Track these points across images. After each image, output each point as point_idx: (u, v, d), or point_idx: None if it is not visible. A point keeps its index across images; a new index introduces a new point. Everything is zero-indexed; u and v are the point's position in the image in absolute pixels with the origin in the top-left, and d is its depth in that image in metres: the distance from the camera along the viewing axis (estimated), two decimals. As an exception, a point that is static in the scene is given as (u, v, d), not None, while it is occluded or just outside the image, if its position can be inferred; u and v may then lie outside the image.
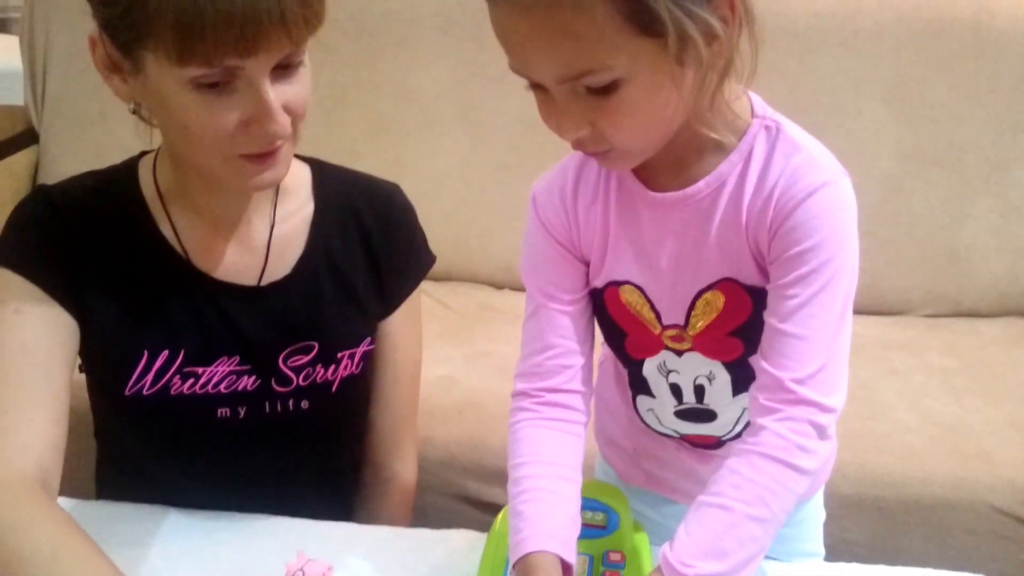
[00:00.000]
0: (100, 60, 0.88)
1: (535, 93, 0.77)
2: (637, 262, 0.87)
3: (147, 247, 0.98)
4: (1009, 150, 2.00)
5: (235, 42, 0.79)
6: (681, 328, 0.88)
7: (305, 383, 1.03)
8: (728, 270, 0.84)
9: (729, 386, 0.91)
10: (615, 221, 0.87)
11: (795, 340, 0.78)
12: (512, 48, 0.74)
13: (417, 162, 2.03)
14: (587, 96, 0.73)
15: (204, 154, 0.88)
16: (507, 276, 2.06)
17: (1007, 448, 1.54)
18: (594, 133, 0.76)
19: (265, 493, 1.04)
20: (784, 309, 0.79)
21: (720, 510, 0.77)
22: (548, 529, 0.83)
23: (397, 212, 1.09)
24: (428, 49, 1.99)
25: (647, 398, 0.96)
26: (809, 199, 0.78)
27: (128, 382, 0.97)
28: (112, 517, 1.01)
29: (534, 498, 0.85)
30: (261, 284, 1.02)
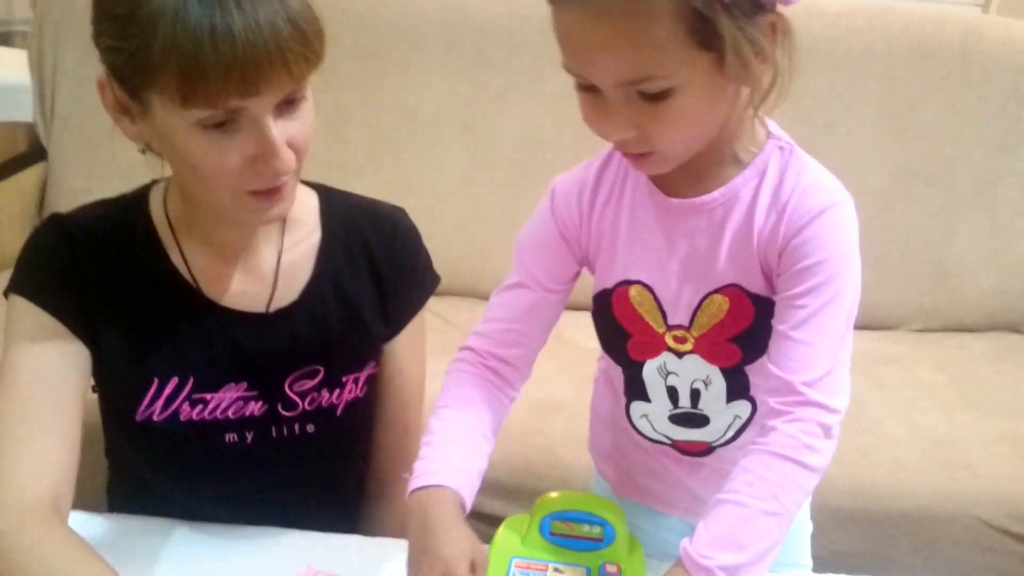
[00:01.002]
0: (109, 103, 0.89)
1: (582, 94, 0.80)
2: (648, 262, 0.91)
3: (158, 276, 1.00)
4: (997, 168, 2.04)
5: (237, 84, 0.80)
6: (685, 329, 0.92)
7: (311, 407, 1.05)
8: (735, 277, 0.88)
9: (724, 392, 0.94)
10: (629, 222, 0.91)
11: (804, 346, 0.83)
12: (575, 50, 0.77)
13: (419, 179, 2.06)
14: (639, 100, 0.76)
15: (213, 192, 0.90)
16: (507, 291, 2.09)
17: (993, 461, 1.57)
18: (639, 136, 0.79)
19: (272, 511, 1.06)
20: (795, 318, 0.83)
21: (736, 506, 0.80)
22: (455, 468, 0.89)
23: (402, 236, 1.11)
24: (430, 69, 2.02)
25: (642, 403, 0.99)
26: (820, 217, 0.83)
27: (139, 408, 0.99)
28: (123, 530, 1.03)
29: (449, 440, 0.92)
30: (269, 311, 1.03)
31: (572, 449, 1.55)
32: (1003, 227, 2.07)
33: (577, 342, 1.90)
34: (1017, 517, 1.50)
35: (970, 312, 2.07)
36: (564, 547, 0.95)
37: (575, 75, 0.79)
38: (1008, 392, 1.82)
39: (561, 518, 0.95)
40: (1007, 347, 2.03)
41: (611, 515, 0.96)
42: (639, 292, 0.92)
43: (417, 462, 0.91)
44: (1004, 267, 2.08)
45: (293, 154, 0.88)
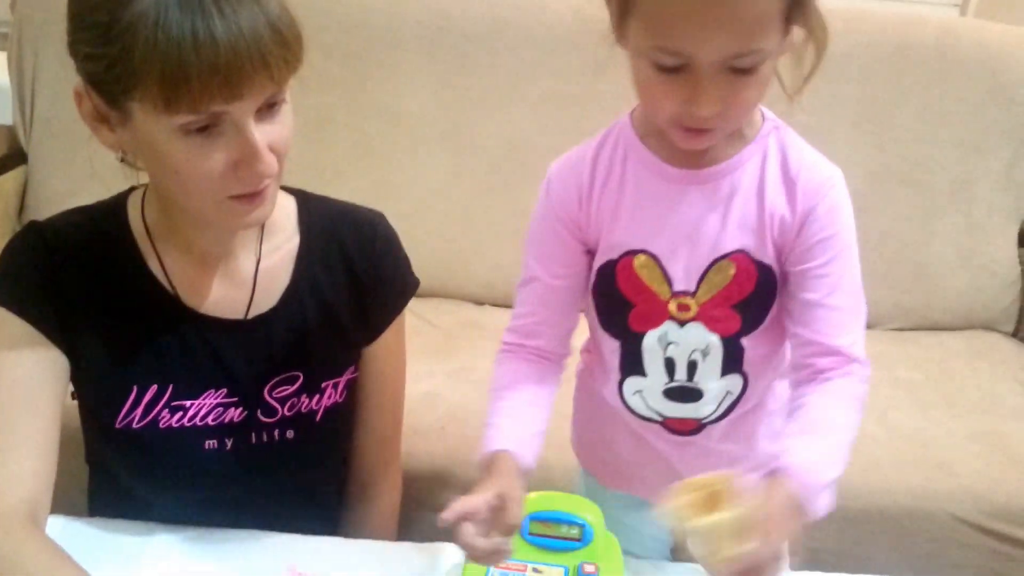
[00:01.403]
0: (87, 113, 0.89)
1: (664, 76, 0.82)
2: (653, 232, 0.94)
3: (136, 283, 1.00)
4: (973, 169, 2.07)
5: (220, 88, 0.81)
6: (690, 295, 0.95)
7: (290, 413, 1.05)
8: (743, 243, 0.93)
9: (719, 364, 0.98)
10: (631, 195, 0.94)
11: (839, 312, 0.92)
12: (685, 27, 0.79)
13: (402, 182, 2.06)
14: (727, 74, 0.80)
15: (195, 197, 0.90)
16: (489, 293, 2.10)
17: (968, 459, 1.59)
18: (721, 110, 0.83)
19: (253, 516, 1.06)
20: (824, 287, 0.91)
21: (820, 436, 0.87)
22: (515, 435, 0.95)
23: (381, 241, 1.11)
24: (413, 73, 2.02)
25: (637, 379, 1.00)
26: (831, 191, 0.92)
27: (118, 416, 0.99)
28: (104, 534, 1.03)
29: (508, 414, 0.98)
30: (247, 318, 1.03)
31: (554, 448, 1.53)
32: (979, 227, 2.09)
33: (559, 343, 1.92)
34: (991, 514, 1.52)
35: (947, 311, 2.09)
36: (543, 547, 0.97)
37: (669, 55, 0.80)
38: (983, 390, 1.84)
39: (540, 519, 0.97)
40: (983, 345, 2.05)
41: (589, 515, 0.98)
42: (645, 260, 0.95)
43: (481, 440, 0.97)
44: (980, 266, 2.10)
45: (274, 157, 0.88)
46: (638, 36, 0.82)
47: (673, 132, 0.87)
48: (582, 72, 2.01)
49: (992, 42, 2.05)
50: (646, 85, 0.85)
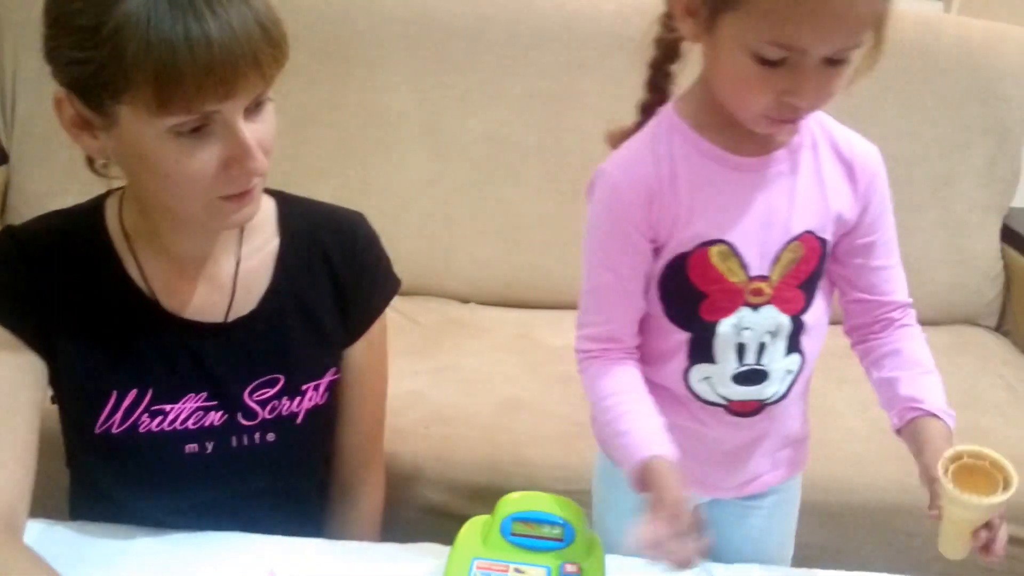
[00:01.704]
0: (68, 120, 0.88)
1: (758, 69, 0.84)
2: (726, 220, 0.96)
3: (114, 287, 0.99)
4: (955, 166, 2.08)
5: (215, 88, 0.81)
6: (764, 280, 0.98)
7: (271, 416, 1.04)
8: (809, 224, 0.97)
9: (784, 344, 1.01)
10: (699, 188, 0.95)
11: (898, 268, 1.05)
12: (805, 23, 0.81)
13: (384, 180, 2.06)
14: (823, 67, 0.84)
15: (184, 200, 0.89)
16: (473, 290, 2.10)
17: (950, 455, 1.61)
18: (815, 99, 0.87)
19: (235, 519, 1.06)
20: (888, 251, 1.03)
21: (932, 375, 1.03)
22: (655, 437, 0.96)
23: (362, 242, 1.10)
24: (394, 71, 2.02)
25: (706, 366, 1.02)
26: (882, 165, 1.01)
27: (98, 421, 0.99)
28: (85, 538, 1.03)
29: (631, 418, 0.98)
30: (227, 321, 1.03)
31: (538, 448, 1.56)
32: (960, 223, 2.11)
33: (543, 340, 1.93)
34: (972, 509, 1.53)
35: (929, 306, 2.06)
36: (525, 548, 0.97)
37: (780, 48, 0.82)
38: (965, 385, 1.85)
39: (522, 519, 0.97)
40: (965, 340, 2.06)
41: (571, 516, 0.98)
42: (720, 250, 0.96)
43: (617, 451, 0.99)
44: (962, 262, 2.11)
45: (264, 155, 0.88)
46: (740, 29, 0.84)
47: (758, 121, 0.90)
48: (564, 69, 2.02)
49: (974, 38, 2.06)
50: (740, 77, 0.86)
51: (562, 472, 1.52)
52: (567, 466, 1.53)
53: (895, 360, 1.04)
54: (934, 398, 1.00)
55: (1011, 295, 2.18)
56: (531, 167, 2.06)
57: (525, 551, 0.97)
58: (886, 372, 1.05)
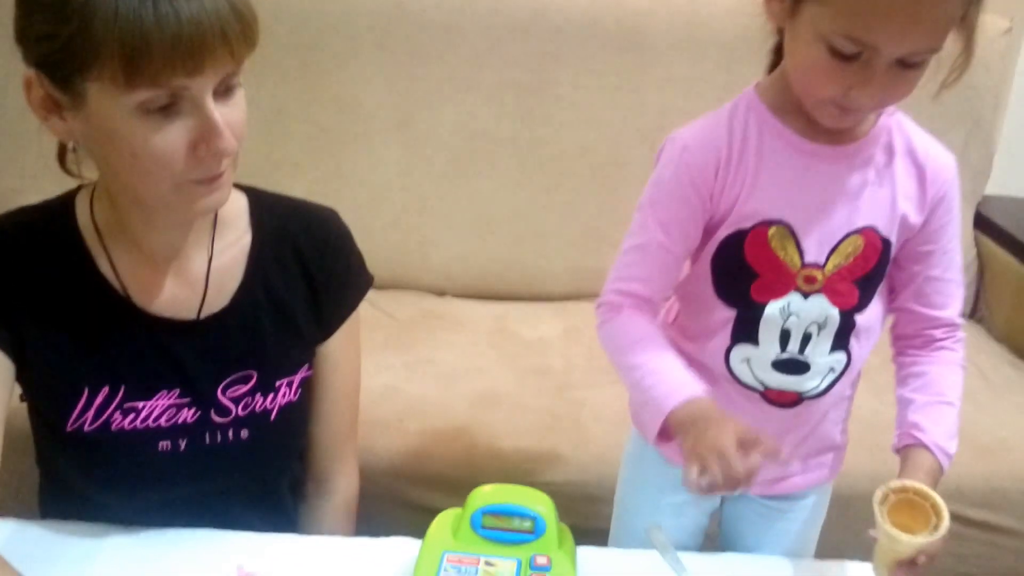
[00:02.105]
0: (36, 101, 0.87)
1: (837, 62, 0.85)
2: (789, 203, 0.97)
3: (85, 283, 0.98)
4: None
5: (183, 61, 0.81)
6: (819, 268, 0.98)
7: (244, 413, 1.04)
8: (872, 219, 0.98)
9: (831, 339, 1.02)
10: (768, 167, 0.97)
11: (954, 284, 1.04)
12: (883, 22, 0.82)
13: (357, 173, 2.05)
14: (895, 68, 0.85)
15: (153, 182, 0.88)
16: (449, 283, 2.10)
17: (923, 441, 1.62)
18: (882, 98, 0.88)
19: (208, 516, 1.05)
20: (946, 263, 1.03)
21: (949, 407, 1.02)
22: (689, 379, 0.96)
23: (334, 239, 1.10)
24: (366, 63, 2.01)
25: (748, 346, 1.03)
26: (955, 176, 1.01)
27: (69, 418, 0.98)
28: (54, 537, 1.02)
29: (669, 364, 0.98)
30: (200, 317, 1.02)
31: (512, 441, 1.56)
32: (934, 210, 2.12)
33: (519, 333, 1.93)
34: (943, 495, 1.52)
35: None
36: (496, 540, 0.97)
37: (854, 43, 0.83)
38: (938, 372, 1.87)
39: (492, 512, 0.97)
40: (939, 328, 2.08)
41: (542, 507, 0.98)
42: (779, 231, 0.97)
43: (647, 392, 0.97)
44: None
45: (234, 137, 0.88)
46: (821, 19, 0.85)
47: (823, 109, 0.91)
48: (538, 60, 2.01)
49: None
50: (812, 65, 0.88)
51: (537, 464, 1.53)
52: (542, 459, 1.54)
53: (918, 381, 1.05)
54: (937, 430, 1.00)
55: (984, 283, 2.20)
56: (505, 159, 2.06)
57: (496, 544, 0.97)
58: (907, 391, 1.06)
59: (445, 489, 1.50)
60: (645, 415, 0.98)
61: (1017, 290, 2.10)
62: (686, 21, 2.02)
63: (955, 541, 1.56)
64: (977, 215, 2.19)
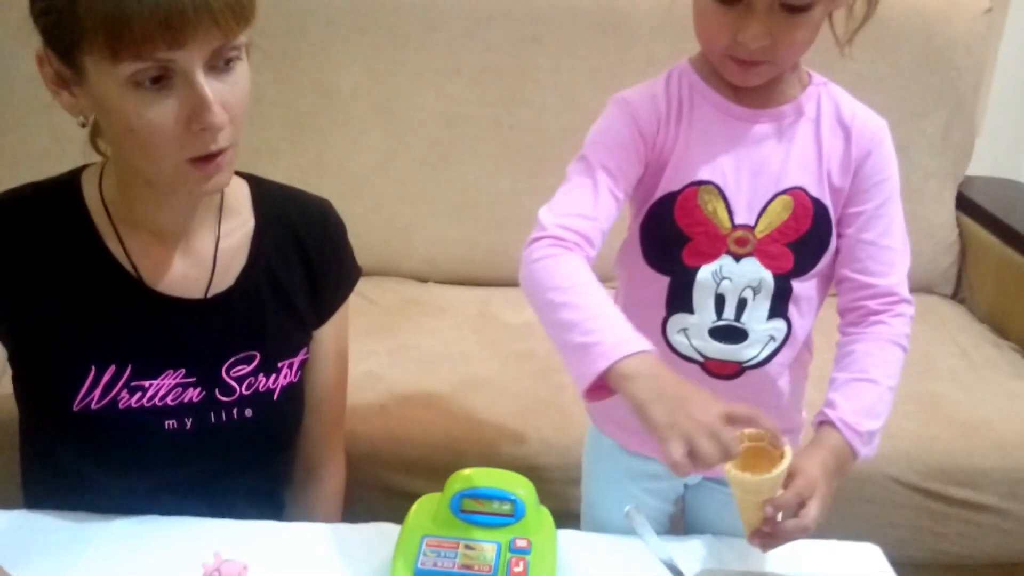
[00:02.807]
0: (48, 76, 0.89)
1: (716, 6, 0.89)
2: (718, 166, 0.98)
3: (93, 261, 0.98)
4: (910, 133, 2.09)
5: (162, 32, 0.81)
6: (749, 229, 0.99)
7: (248, 392, 1.06)
8: (801, 180, 0.99)
9: (767, 304, 1.01)
10: (698, 131, 0.99)
11: (892, 252, 1.01)
12: None
13: (338, 160, 2.04)
14: (780, 12, 0.87)
15: (152, 158, 0.89)
16: (432, 269, 2.10)
17: (903, 421, 1.62)
18: (768, 45, 0.90)
19: (201, 498, 1.06)
20: (880, 227, 1.00)
21: (870, 383, 0.98)
22: (638, 336, 0.87)
23: (331, 227, 1.13)
24: (346, 48, 2.00)
25: (684, 315, 1.03)
26: (885, 139, 1.01)
27: (76, 397, 0.98)
28: (33, 526, 1.02)
29: (614, 314, 0.89)
30: (207, 296, 1.03)
31: (495, 425, 1.56)
32: (916, 191, 2.12)
33: (502, 318, 1.92)
34: (924, 473, 1.55)
35: None
36: (475, 524, 0.97)
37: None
38: (919, 353, 1.85)
39: (472, 495, 0.97)
40: (921, 308, 2.01)
41: (521, 490, 0.98)
42: (709, 192, 0.99)
43: (592, 336, 0.86)
44: (919, 230, 2.12)
45: (226, 114, 0.88)
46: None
47: (725, 64, 0.94)
48: (517, 43, 2.01)
49: (927, 7, 2.07)
50: (702, 15, 0.92)
51: (521, 449, 1.53)
52: (526, 443, 1.54)
53: (845, 360, 1.01)
54: (848, 406, 0.96)
55: (966, 263, 2.21)
56: (487, 143, 2.05)
57: (475, 527, 0.97)
58: (835, 372, 1.01)
59: (427, 474, 1.50)
60: (579, 361, 0.87)
61: (999, 270, 2.11)
62: (665, 4, 2.01)
63: (937, 520, 1.58)
64: (959, 196, 2.20)
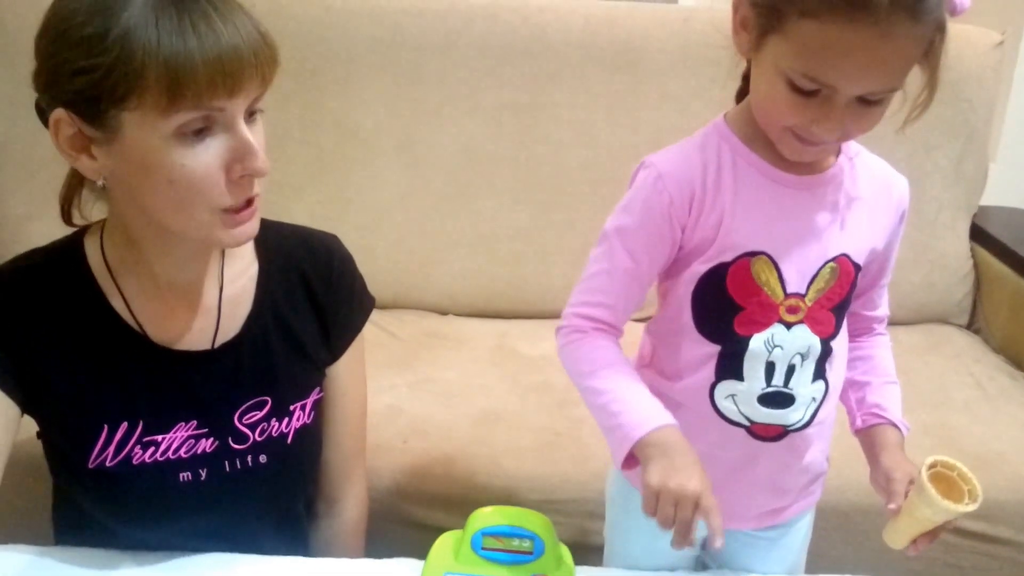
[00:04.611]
0: (66, 141, 0.89)
1: (797, 96, 0.87)
2: (770, 234, 0.97)
3: (99, 321, 0.99)
4: (922, 165, 2.11)
5: (223, 79, 0.84)
6: (800, 297, 0.99)
7: (261, 438, 1.06)
8: (845, 247, 1.00)
9: (813, 368, 1.02)
10: (744, 199, 0.97)
11: (887, 287, 1.12)
12: (839, 63, 0.83)
13: (359, 195, 2.07)
14: (857, 105, 0.86)
15: (188, 209, 0.90)
16: (451, 302, 2.12)
17: (918, 453, 1.60)
18: (841, 133, 0.89)
19: (226, 541, 1.07)
20: (888, 271, 1.10)
21: (895, 386, 1.12)
22: (657, 408, 0.97)
23: (337, 263, 1.13)
24: (367, 86, 2.03)
25: (732, 382, 1.02)
26: (908, 196, 1.04)
27: (90, 456, 0.99)
28: (67, 565, 1.03)
29: (639, 390, 0.99)
30: (214, 346, 1.04)
31: (515, 459, 1.58)
32: (929, 222, 2.14)
33: (521, 351, 1.95)
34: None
35: (901, 306, 2.08)
36: (496, 561, 0.99)
37: (817, 83, 0.85)
38: (934, 384, 1.88)
39: (492, 533, 0.99)
40: (936, 339, 2.09)
41: (540, 529, 1.00)
42: (762, 262, 0.98)
43: (614, 418, 0.97)
44: (932, 261, 2.15)
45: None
46: (781, 55, 0.86)
47: (784, 140, 0.92)
48: (535, 81, 2.04)
49: (937, 42, 2.09)
50: (773, 97, 0.89)
51: (540, 483, 1.54)
52: (544, 477, 1.55)
53: (866, 365, 1.12)
54: (895, 408, 1.09)
55: (981, 293, 2.22)
56: (505, 178, 2.08)
57: (496, 565, 0.99)
58: (857, 375, 1.11)
59: (448, 508, 1.52)
60: (611, 440, 0.98)
61: (1013, 300, 2.12)
62: (680, 40, 2.04)
63: (951, 552, 1.58)
64: (973, 226, 2.21)
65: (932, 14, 0.82)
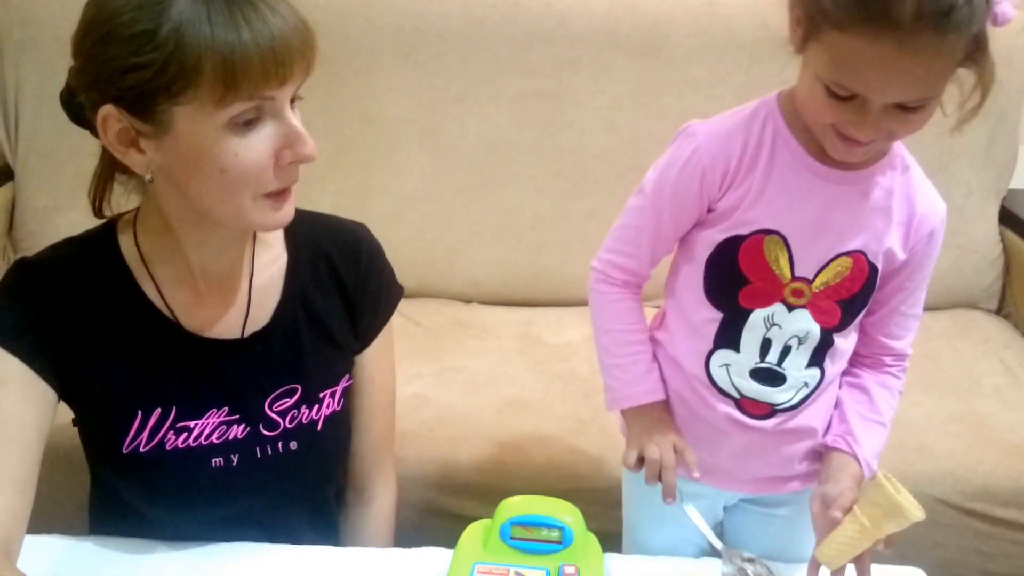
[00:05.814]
0: (115, 136, 0.89)
1: (835, 101, 0.88)
2: (790, 217, 0.99)
3: (133, 310, 1.01)
4: (950, 149, 2.08)
5: (276, 69, 0.85)
6: (807, 283, 1.01)
7: (291, 425, 1.07)
8: (863, 244, 1.00)
9: (809, 355, 1.05)
10: (775, 180, 0.99)
11: (914, 319, 1.09)
12: (867, 74, 0.84)
13: (383, 185, 2.08)
14: (895, 111, 0.86)
15: (236, 196, 0.91)
16: (476, 290, 2.12)
17: (947, 440, 1.62)
18: (882, 136, 0.90)
19: (258, 528, 1.08)
20: (913, 299, 1.07)
21: (883, 427, 1.09)
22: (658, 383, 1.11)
23: (366, 252, 1.13)
24: (390, 76, 2.03)
25: (728, 352, 1.06)
26: (943, 222, 1.04)
27: (124, 441, 1.01)
28: (102, 553, 1.05)
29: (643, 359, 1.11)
30: (244, 335, 1.05)
31: (542, 448, 1.59)
32: (958, 207, 2.11)
33: (544, 338, 1.95)
34: (970, 494, 1.55)
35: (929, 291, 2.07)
36: (524, 551, 0.99)
37: (851, 91, 0.86)
38: (963, 370, 1.86)
39: (521, 523, 1.00)
40: (965, 324, 2.07)
41: (569, 518, 1.00)
42: (775, 242, 1.00)
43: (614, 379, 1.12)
44: (961, 245, 2.12)
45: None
46: (818, 62, 0.87)
47: (827, 137, 0.93)
48: (558, 68, 2.03)
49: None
50: (814, 97, 0.90)
51: (566, 471, 1.55)
52: (570, 465, 1.56)
53: (861, 396, 1.10)
54: (870, 448, 1.07)
55: (1011, 278, 2.19)
56: (528, 166, 2.08)
57: (525, 554, 0.99)
58: (851, 400, 1.11)
59: (475, 497, 1.53)
60: (606, 393, 1.13)
61: (1043, 284, 2.09)
62: (704, 25, 2.02)
63: (983, 540, 1.57)
64: (1002, 210, 2.18)
65: (963, 26, 0.81)
